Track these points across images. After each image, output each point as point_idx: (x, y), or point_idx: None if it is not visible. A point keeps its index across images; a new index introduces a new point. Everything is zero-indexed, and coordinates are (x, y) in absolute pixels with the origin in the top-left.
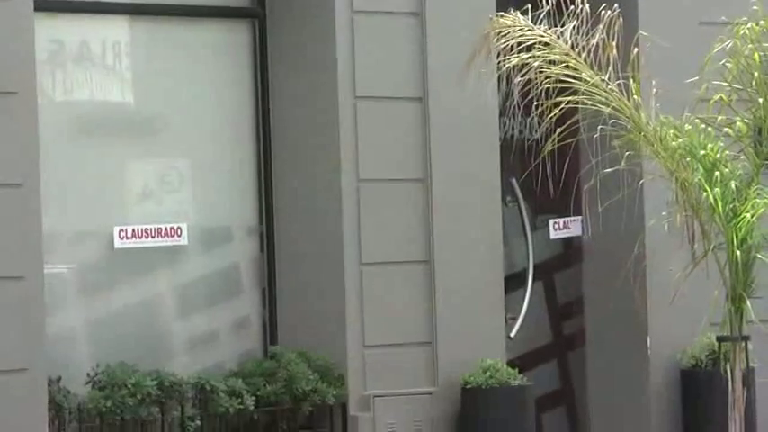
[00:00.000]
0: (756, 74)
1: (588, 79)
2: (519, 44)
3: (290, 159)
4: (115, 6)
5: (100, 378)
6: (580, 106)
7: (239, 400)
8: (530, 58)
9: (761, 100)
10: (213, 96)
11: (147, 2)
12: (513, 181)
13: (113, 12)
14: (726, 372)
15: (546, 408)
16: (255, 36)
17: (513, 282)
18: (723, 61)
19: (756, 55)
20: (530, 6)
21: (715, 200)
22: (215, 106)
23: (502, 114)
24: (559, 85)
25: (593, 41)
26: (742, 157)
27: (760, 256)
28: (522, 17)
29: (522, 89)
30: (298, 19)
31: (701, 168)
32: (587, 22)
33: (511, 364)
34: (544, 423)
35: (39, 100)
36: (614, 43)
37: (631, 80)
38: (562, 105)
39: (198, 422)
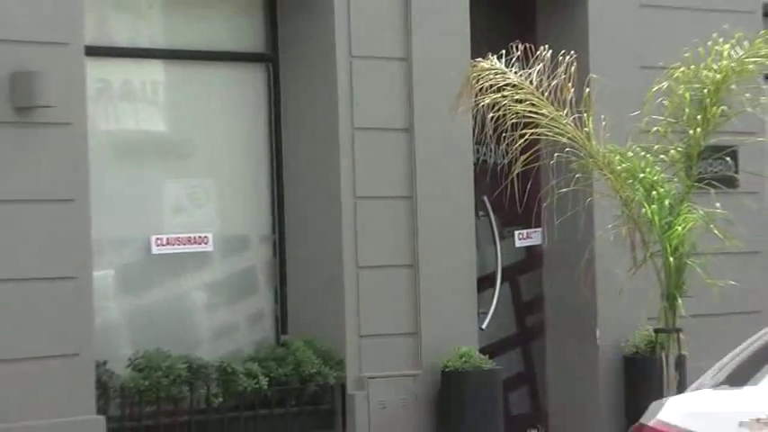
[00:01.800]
0: (687, 110)
1: (548, 114)
2: (492, 85)
3: (299, 179)
4: (152, 51)
5: (139, 362)
6: (542, 137)
7: (255, 380)
8: (501, 97)
9: (691, 132)
10: (234, 126)
11: (178, 48)
12: (485, 198)
13: (150, 56)
14: (661, 358)
15: (511, 388)
16: (270, 76)
17: (485, 282)
18: (660, 99)
19: (687, 94)
20: (504, 51)
21: (653, 215)
22: (235, 135)
23: (476, 143)
24: (525, 119)
25: (554, 83)
26: (675, 180)
27: (689, 262)
28: (497, 61)
29: (493, 122)
30: (305, 63)
31: (641, 188)
32: (548, 67)
33: (482, 351)
34: (510, 401)
35: (88, 129)
36: (570, 84)
37: (584, 114)
38: (526, 136)
39: (220, 399)
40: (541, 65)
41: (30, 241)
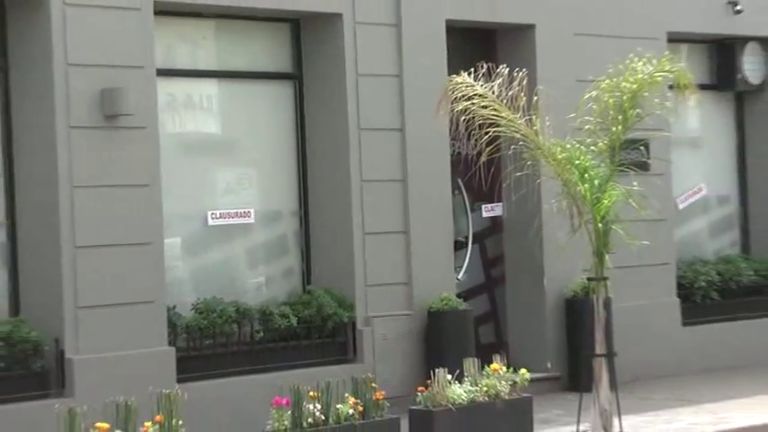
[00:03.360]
0: (611, 112)
1: (506, 117)
2: (463, 95)
3: (318, 168)
4: (206, 72)
5: (199, 306)
6: (501, 134)
7: (287, 319)
8: (470, 104)
9: (614, 129)
10: (269, 128)
11: (226, 69)
12: (459, 180)
13: (205, 76)
14: (593, 300)
15: (480, 323)
16: (296, 90)
17: (459, 244)
18: (590, 104)
19: (611, 101)
20: (472, 69)
21: (585, 192)
22: (270, 135)
23: (452, 139)
24: (488, 121)
25: (510, 93)
26: (602, 165)
27: (613, 227)
28: (467, 77)
29: (465, 123)
30: (323, 80)
31: (576, 172)
32: (506, 81)
33: (458, 296)
34: (479, 333)
35: (159, 132)
36: (522, 94)
37: (533, 117)
38: (490, 133)
39: (261, 334)
40: (501, 79)
41: (116, 216)
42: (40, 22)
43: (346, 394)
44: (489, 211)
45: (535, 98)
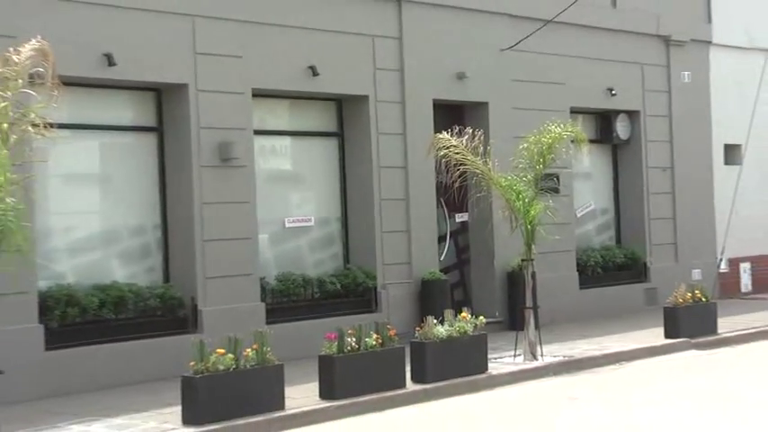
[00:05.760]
0: (536, 156)
1: (471, 159)
2: (444, 146)
3: (354, 191)
4: (284, 131)
5: (279, 277)
6: (468, 170)
7: (334, 285)
8: (449, 151)
9: (537, 166)
10: (322, 166)
11: (296, 130)
12: (441, 199)
13: (283, 134)
14: (524, 273)
15: (454, 288)
16: (340, 143)
17: (441, 238)
18: (523, 151)
19: (535, 149)
20: (450, 129)
21: (519, 206)
22: (324, 172)
23: (437, 172)
24: (460, 162)
25: (473, 144)
26: (530, 190)
27: (537, 228)
28: (446, 134)
29: (445, 163)
30: (356, 135)
31: (514, 194)
32: (470, 136)
33: (441, 271)
34: (453, 294)
35: (255, 169)
36: (480, 145)
37: (488, 159)
38: (461, 169)
39: (318, 294)
40: (467, 136)
41: (228, 221)
42: (183, 100)
43: (371, 332)
44: (460, 218)
45: (488, 148)
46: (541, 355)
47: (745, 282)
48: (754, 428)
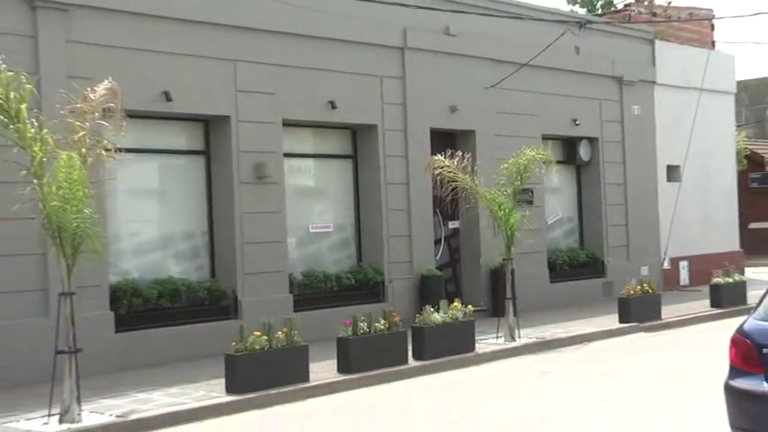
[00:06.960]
0: (514, 175)
1: (462, 177)
2: (439, 165)
3: (365, 203)
4: (309, 155)
5: (305, 273)
6: (459, 185)
7: (350, 280)
8: (443, 170)
9: (515, 183)
10: (339, 183)
11: (319, 153)
12: (437, 209)
13: (310, 156)
14: (505, 270)
15: (447, 282)
16: (354, 164)
17: (437, 242)
18: (503, 171)
19: (514, 168)
20: (444, 152)
21: (501, 215)
22: (340, 185)
23: (433, 188)
24: (452, 179)
25: (463, 164)
26: (509, 202)
27: (516, 234)
28: (440, 156)
29: (440, 179)
30: (367, 157)
31: (496, 205)
32: (461, 158)
33: (437, 268)
34: (447, 287)
35: (285, 185)
36: (468, 165)
37: (475, 175)
38: (453, 185)
39: (336, 288)
40: (458, 158)
41: (262, 227)
42: (226, 129)
43: (380, 318)
44: (452, 224)
45: (476, 168)
46: (519, 337)
47: (684, 276)
48: (688, 393)
